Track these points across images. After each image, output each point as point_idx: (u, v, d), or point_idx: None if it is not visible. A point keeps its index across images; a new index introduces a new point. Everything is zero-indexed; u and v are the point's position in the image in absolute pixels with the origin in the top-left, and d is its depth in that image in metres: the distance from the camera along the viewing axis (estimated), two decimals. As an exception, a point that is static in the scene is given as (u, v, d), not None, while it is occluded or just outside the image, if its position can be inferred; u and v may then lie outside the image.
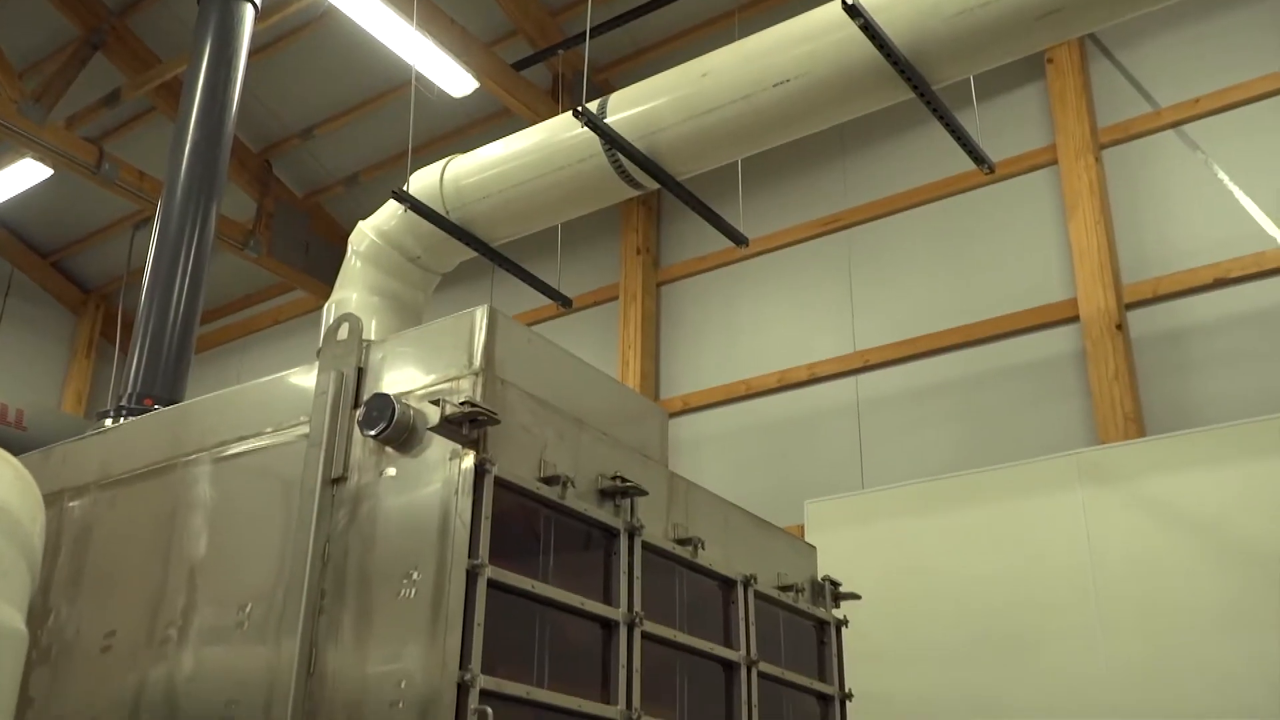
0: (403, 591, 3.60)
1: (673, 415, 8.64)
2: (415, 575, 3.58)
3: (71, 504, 4.71)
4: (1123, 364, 6.82)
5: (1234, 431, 5.90)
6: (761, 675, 4.71)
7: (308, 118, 11.02)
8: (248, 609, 3.96)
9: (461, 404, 3.60)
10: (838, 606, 5.49)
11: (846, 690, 5.29)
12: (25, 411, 7.83)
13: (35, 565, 2.87)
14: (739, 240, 6.79)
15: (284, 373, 4.36)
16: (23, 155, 10.02)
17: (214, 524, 4.26)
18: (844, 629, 5.43)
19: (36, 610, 3.50)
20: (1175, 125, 7.42)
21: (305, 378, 4.22)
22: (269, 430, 4.24)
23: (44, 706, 4.40)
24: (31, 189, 10.84)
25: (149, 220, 7.50)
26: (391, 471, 3.82)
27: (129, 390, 5.46)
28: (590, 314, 9.82)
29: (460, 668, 3.33)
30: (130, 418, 5.15)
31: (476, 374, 3.79)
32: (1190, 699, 5.47)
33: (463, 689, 3.32)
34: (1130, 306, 7.09)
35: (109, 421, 5.26)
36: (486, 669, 3.40)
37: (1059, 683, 5.85)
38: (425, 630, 3.47)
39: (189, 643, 4.09)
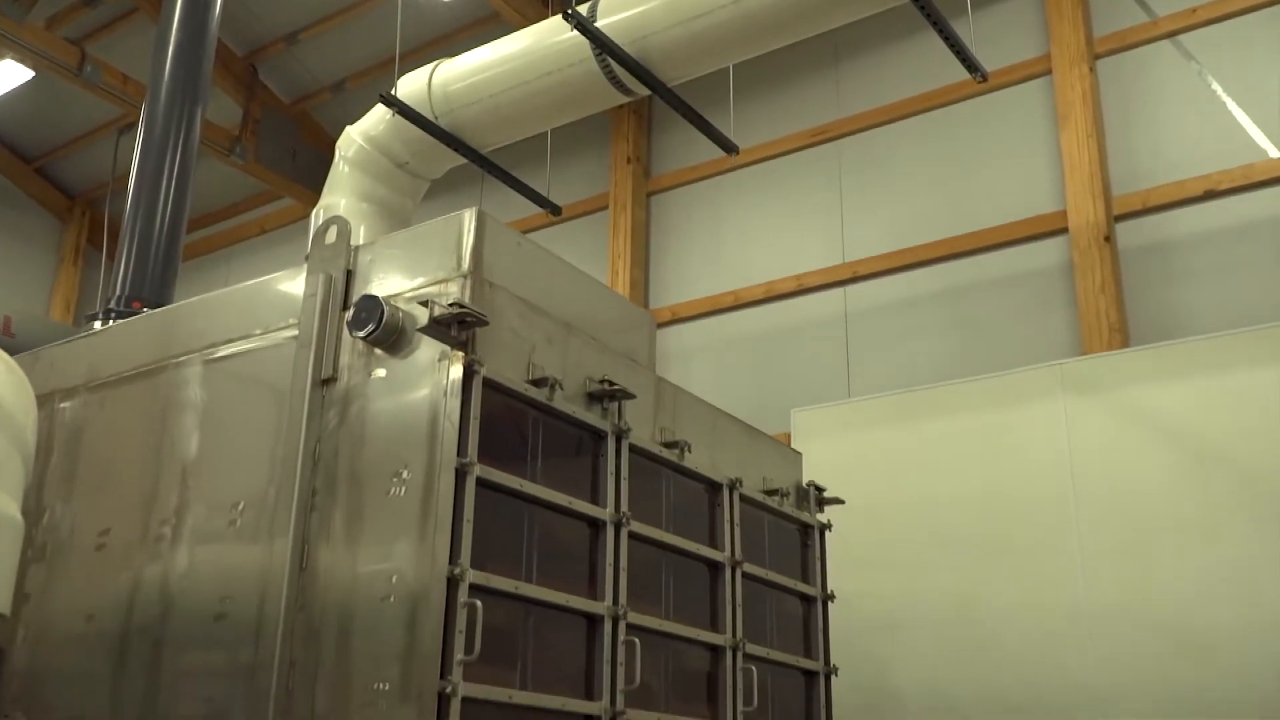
0: (392, 490, 3.65)
1: (661, 326, 8.67)
2: (405, 474, 3.63)
3: (62, 405, 4.74)
4: (1109, 276, 6.84)
5: (1216, 343, 5.95)
6: (746, 576, 4.80)
7: (293, 21, 10.84)
8: (239, 508, 4.01)
9: (450, 306, 3.62)
10: (821, 511, 5.58)
11: (829, 591, 5.40)
12: (13, 318, 7.81)
13: (29, 457, 2.90)
14: (729, 148, 6.75)
15: (272, 275, 4.36)
16: (2, 56, 9.85)
17: (205, 425, 4.29)
18: (827, 532, 5.52)
19: (30, 509, 3.55)
20: (1171, 35, 7.35)
21: (294, 280, 4.22)
22: (258, 332, 4.26)
23: (40, 602, 4.47)
24: (13, 92, 10.68)
25: (133, 125, 7.41)
26: (381, 373, 3.85)
27: (117, 293, 5.45)
28: (580, 224, 9.79)
29: (450, 563, 3.39)
30: (119, 320, 5.15)
31: (465, 276, 3.80)
32: (1164, 603, 5.60)
33: (452, 583, 3.39)
34: (1119, 219, 7.10)
35: (97, 324, 5.26)
36: (476, 564, 3.47)
37: (1037, 587, 5.97)
38: (415, 527, 3.53)
39: (182, 541, 4.15)
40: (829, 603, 5.38)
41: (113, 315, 5.28)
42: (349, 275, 4.11)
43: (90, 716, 4.11)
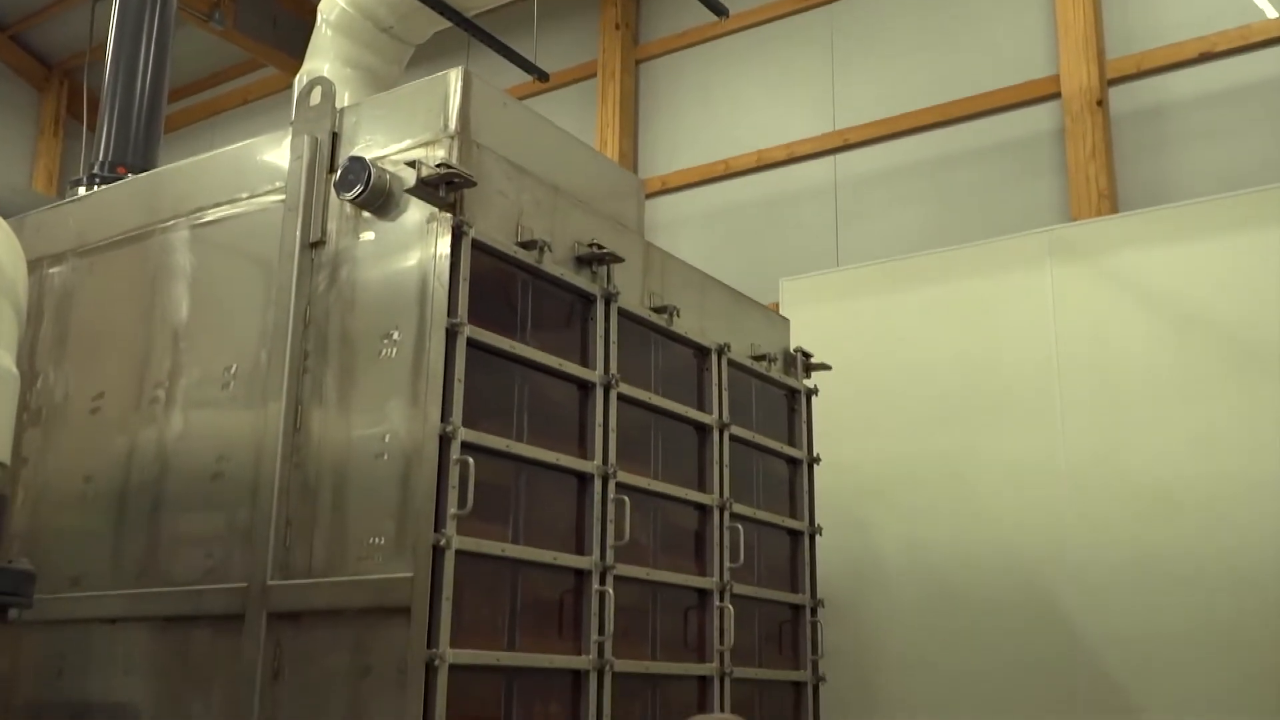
0: (384, 351, 3.68)
1: (650, 196, 8.61)
2: (395, 335, 3.66)
3: (51, 271, 4.74)
4: (1101, 141, 6.80)
5: (1206, 207, 5.95)
6: (733, 439, 4.88)
7: (269, -120, 10.49)
8: (232, 370, 4.05)
9: (437, 166, 3.60)
10: (809, 377, 5.65)
11: (814, 454, 5.50)
12: (-5, 189, 7.74)
13: (21, 310, 2.91)
14: (719, 11, 6.62)
15: (257, 139, 4.32)
16: (-30, -81, 9.53)
17: (195, 290, 4.30)
18: (814, 398, 5.60)
19: (24, 374, 3.57)
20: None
21: (279, 144, 4.19)
22: (244, 196, 4.24)
23: (38, 465, 4.54)
24: (-17, -44, 10.37)
25: (109, -12, 7.21)
26: (369, 235, 3.85)
27: (100, 159, 5.39)
28: (567, 92, 9.64)
29: (442, 420, 3.44)
30: (104, 186, 5.11)
31: (452, 137, 3.77)
32: (1141, 464, 5.71)
33: (444, 441, 3.45)
34: (1112, 82, 7.01)
35: (82, 189, 5.22)
36: (467, 423, 3.52)
37: (1019, 451, 6.08)
38: (407, 387, 3.58)
39: (176, 404, 4.20)
40: (814, 465, 5.48)
41: (97, 181, 5.23)
42: (334, 138, 4.07)
43: (92, 575, 4.21)
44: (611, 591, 3.96)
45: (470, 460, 3.45)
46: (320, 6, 6.64)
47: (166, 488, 4.11)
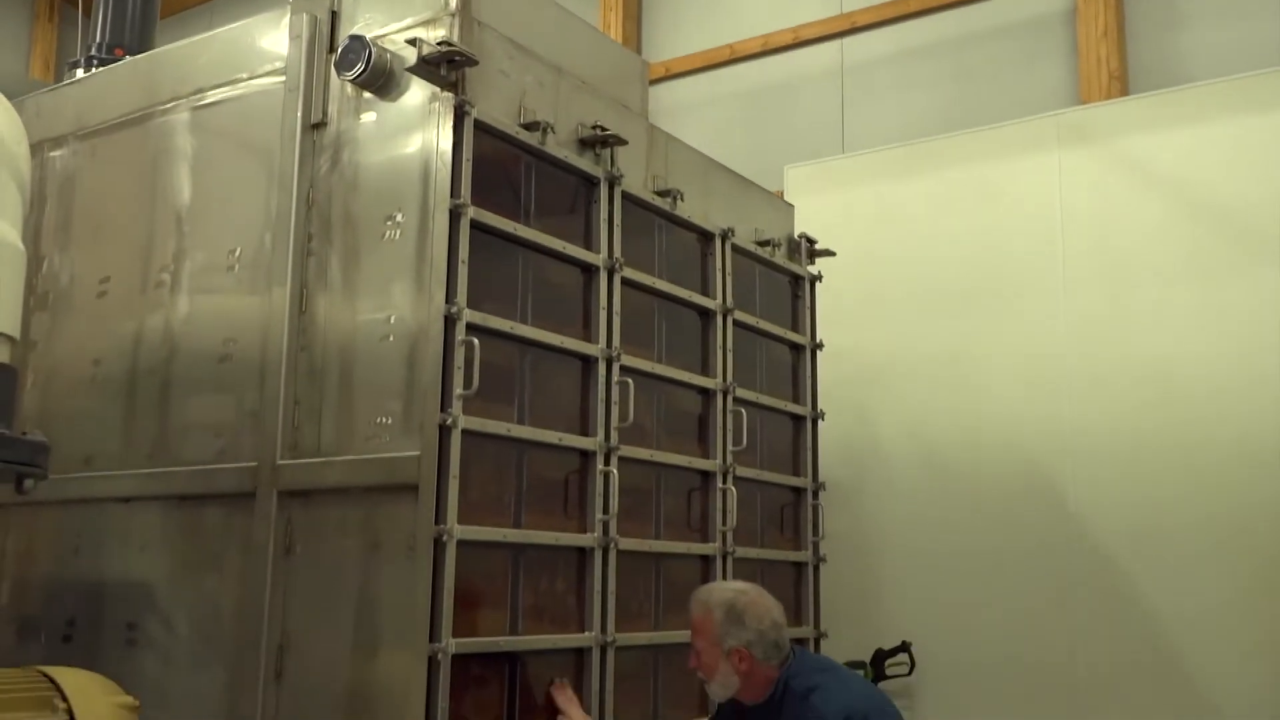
0: (387, 233, 3.69)
1: (654, 82, 8.47)
2: (399, 217, 3.66)
3: (52, 154, 4.72)
4: (1113, 20, 6.66)
5: (1216, 89, 5.86)
6: (736, 324, 4.90)
7: None
8: (237, 253, 4.06)
9: (438, 45, 3.55)
10: (812, 263, 5.64)
11: (818, 341, 5.52)
12: (-8, 75, 7.65)
13: (24, 186, 2.91)
14: (725, -112, 6.44)
15: (255, 18, 4.26)
16: None
17: (196, 171, 4.29)
18: (818, 284, 5.60)
19: (29, 258, 3.59)
20: None
21: (278, 23, 4.13)
22: (244, 77, 4.20)
23: (46, 349, 4.58)
24: None
25: None
26: (370, 117, 3.82)
27: (97, 41, 5.32)
28: (570, -25, 9.44)
29: (446, 302, 3.46)
30: (102, 67, 5.05)
31: (453, 15, 3.71)
32: (1147, 351, 5.72)
33: (449, 322, 3.47)
34: (1126, -38, 6.85)
35: (80, 72, 5.16)
36: (472, 305, 3.54)
37: (1022, 337, 6.09)
38: (411, 268, 3.59)
39: (182, 287, 4.22)
40: (817, 351, 5.51)
41: (95, 63, 5.17)
42: (334, 16, 4.02)
43: (104, 456, 4.28)
44: (616, 472, 4.02)
45: (475, 341, 3.47)
46: (316, -117, 6.47)
47: (175, 370, 4.15)
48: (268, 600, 3.67)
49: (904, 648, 5.98)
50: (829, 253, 5.69)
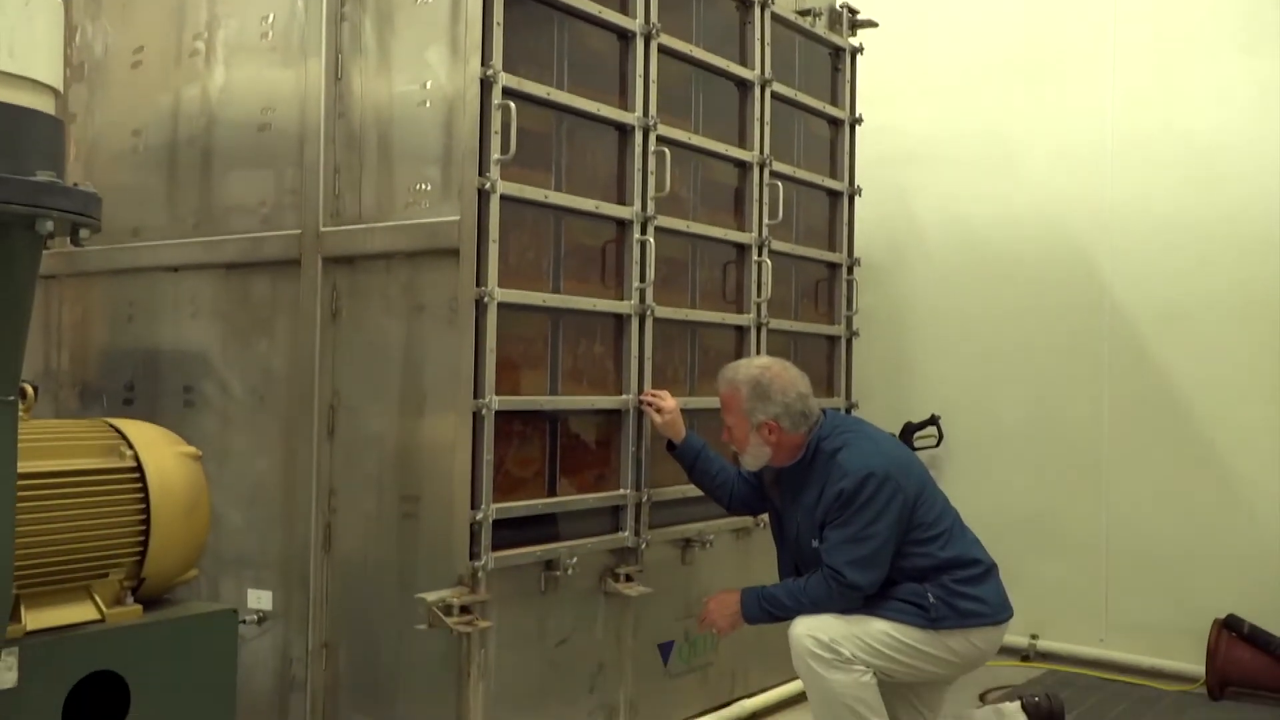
0: (421, -4, 3.63)
1: None
2: (432, -21, 3.60)
3: (77, -80, 4.62)
4: None
5: None
6: (775, 96, 4.83)
7: None
8: (270, 19, 4.02)
9: None
10: (854, 34, 5.51)
11: (857, 116, 5.44)
12: None
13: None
14: None
15: None
16: None
17: (223, -67, 4.20)
18: (859, 57, 5.48)
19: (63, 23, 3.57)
20: None
21: None
22: None
23: (86, 121, 4.61)
24: None
25: None
26: (400, -127, 3.71)
27: None
28: None
29: (482, 65, 3.44)
30: None
31: None
32: (1195, 127, 5.58)
33: (486, 86, 3.46)
34: None
35: None
36: (508, 69, 3.52)
37: (1068, 114, 5.95)
38: (446, 33, 3.56)
39: (217, 56, 4.20)
40: (856, 126, 5.44)
41: None
42: None
43: (150, 227, 4.37)
44: (652, 240, 4.07)
45: (512, 105, 3.47)
46: None
47: (215, 140, 4.18)
48: (317, 363, 3.80)
49: (933, 421, 6.12)
50: (871, 23, 5.54)
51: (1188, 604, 5.39)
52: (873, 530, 3.49)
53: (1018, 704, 3.86)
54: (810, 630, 3.49)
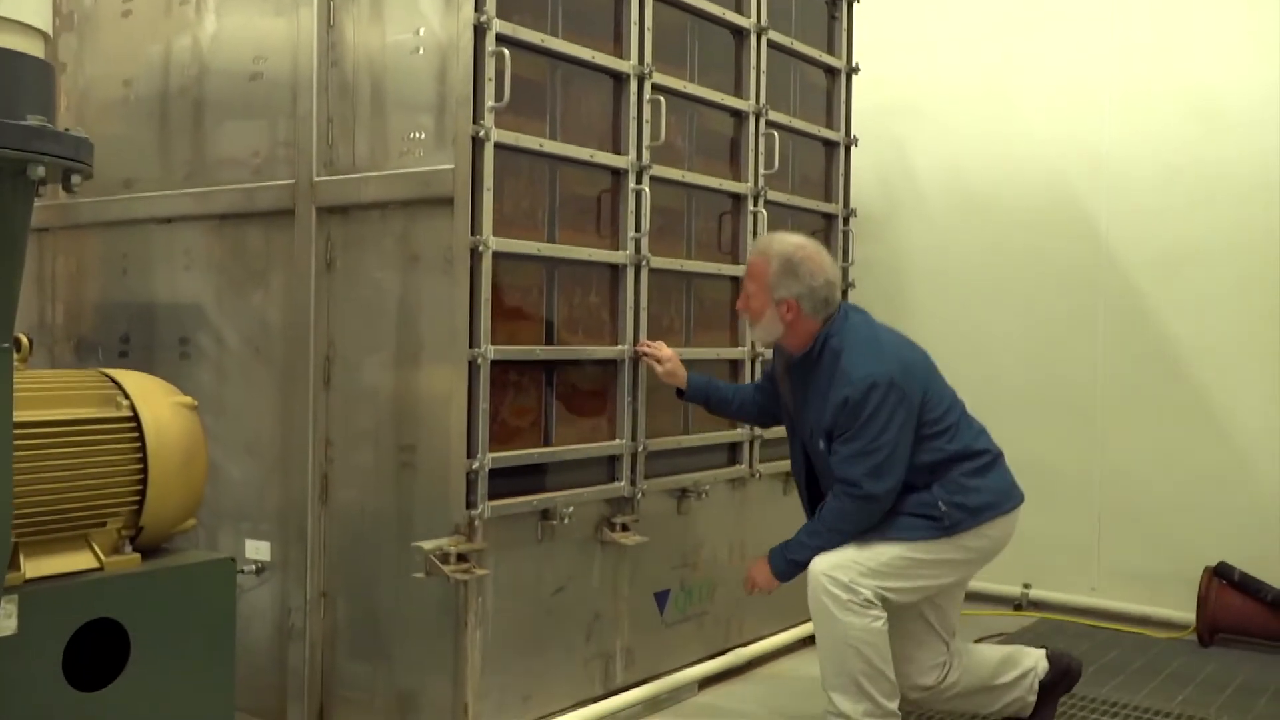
0: (413, -59, 3.59)
1: None
2: (424, -77, 3.55)
3: None
4: None
5: None
6: (771, 44, 4.80)
7: None
8: (260, -34, 3.97)
9: None
10: (850, -17, 5.46)
11: (854, 65, 5.40)
12: None
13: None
14: None
15: None
16: None
17: (213, -120, 4.14)
18: (855, 5, 5.42)
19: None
20: None
21: None
22: None
23: (76, 72, 4.57)
24: None
25: None
26: None
27: None
28: None
29: (475, 11, 3.40)
30: None
31: None
32: (1194, 74, 5.55)
33: (479, 32, 3.42)
34: None
35: None
36: (502, 15, 3.48)
37: (1065, 62, 5.88)
38: (439, -22, 3.51)
39: (208, 5, 4.15)
40: (853, 76, 5.40)
41: None
42: None
43: (143, 179, 4.34)
44: (648, 190, 4.05)
45: (505, 52, 3.44)
46: None
47: (207, 90, 4.15)
48: (312, 314, 3.79)
49: (928, 373, 6.12)
50: (867, -23, 5.49)
51: (1179, 553, 5.43)
52: (883, 440, 3.48)
53: (1042, 651, 3.90)
54: (828, 570, 3.48)
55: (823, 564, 3.51)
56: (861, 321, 3.73)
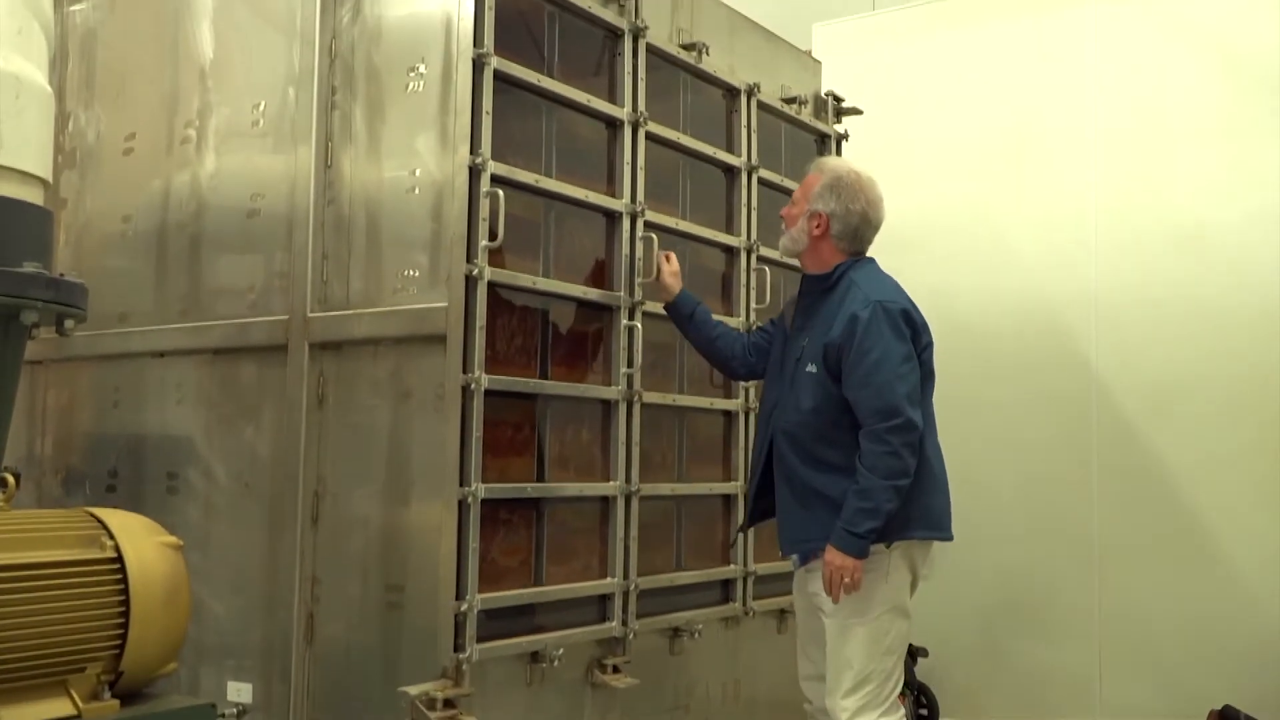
0: (410, 85, 3.68)
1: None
2: (422, 68, 3.65)
3: (72, 9, 4.68)
4: None
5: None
6: (761, 182, 4.88)
7: None
8: (261, 107, 4.06)
9: (459, -111, 3.48)
10: (839, 121, 5.58)
11: (843, 200, 5.48)
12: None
13: (48, 28, 2.91)
14: None
15: None
16: None
17: (218, 24, 4.25)
18: (844, 143, 5.55)
19: (56, 114, 3.61)
20: None
21: None
22: (262, -74, 4.13)
23: (76, 207, 4.63)
24: None
25: None
26: (391, -35, 3.77)
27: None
28: None
29: (470, 153, 3.46)
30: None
31: None
32: (1178, 207, 5.66)
33: (474, 173, 3.48)
34: None
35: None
36: (496, 157, 3.54)
37: (1053, 194, 6.01)
38: (435, 120, 3.59)
39: (208, 143, 4.23)
40: (843, 211, 5.48)
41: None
42: None
43: (138, 312, 4.36)
44: (640, 326, 4.07)
45: (500, 192, 3.49)
46: None
47: (204, 226, 4.19)
48: (303, 449, 3.77)
49: (923, 505, 6.07)
50: (856, 111, 5.62)
51: (1182, 692, 5.32)
52: (906, 366, 3.50)
53: None
54: (842, 703, 3.51)
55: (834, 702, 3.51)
56: (888, 275, 3.78)
